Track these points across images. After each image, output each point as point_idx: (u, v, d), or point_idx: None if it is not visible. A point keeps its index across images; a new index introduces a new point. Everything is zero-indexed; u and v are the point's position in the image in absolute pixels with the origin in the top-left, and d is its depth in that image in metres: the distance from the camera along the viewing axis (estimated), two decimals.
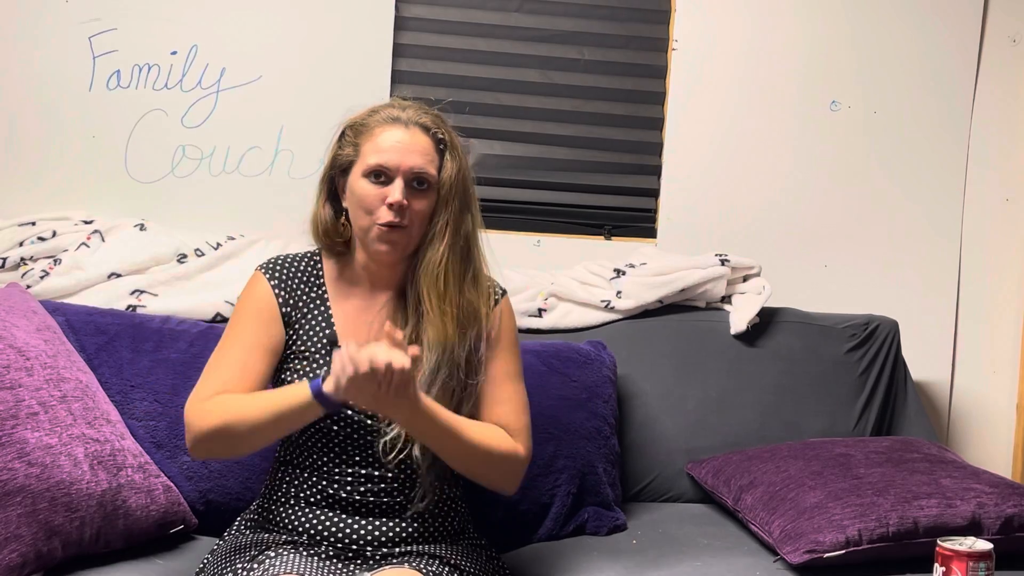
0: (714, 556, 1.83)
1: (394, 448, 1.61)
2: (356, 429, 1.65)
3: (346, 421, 1.64)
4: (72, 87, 2.37)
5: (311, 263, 1.76)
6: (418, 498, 1.65)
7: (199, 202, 2.42)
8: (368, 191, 1.64)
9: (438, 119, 1.70)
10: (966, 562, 1.49)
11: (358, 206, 1.65)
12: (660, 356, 2.31)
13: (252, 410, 1.56)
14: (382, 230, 1.62)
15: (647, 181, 2.60)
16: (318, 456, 1.66)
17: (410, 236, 1.65)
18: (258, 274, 1.73)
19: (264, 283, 1.71)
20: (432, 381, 1.60)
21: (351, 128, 1.70)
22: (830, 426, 2.31)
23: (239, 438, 1.57)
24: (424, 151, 1.65)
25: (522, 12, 2.55)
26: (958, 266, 2.66)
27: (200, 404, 1.59)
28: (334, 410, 1.56)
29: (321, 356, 1.68)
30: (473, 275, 1.68)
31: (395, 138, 1.64)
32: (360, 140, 1.67)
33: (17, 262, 2.20)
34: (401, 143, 1.64)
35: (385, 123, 1.66)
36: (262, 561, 1.54)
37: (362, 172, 1.65)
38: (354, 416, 1.64)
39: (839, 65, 2.61)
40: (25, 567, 1.54)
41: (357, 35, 2.45)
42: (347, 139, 1.69)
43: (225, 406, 1.57)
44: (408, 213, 1.63)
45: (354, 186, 1.66)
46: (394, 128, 1.65)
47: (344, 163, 1.69)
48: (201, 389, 1.62)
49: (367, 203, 1.63)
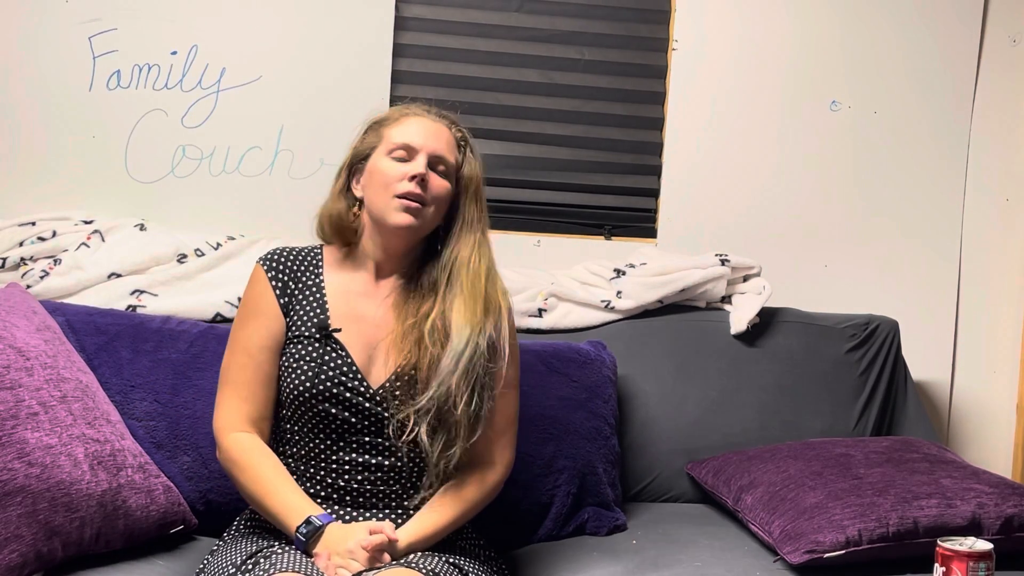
0: (714, 556, 1.83)
1: (401, 434, 1.64)
2: (355, 413, 1.65)
3: (344, 405, 1.65)
4: (72, 87, 2.37)
5: (311, 254, 1.79)
6: (426, 486, 1.66)
7: (199, 202, 2.42)
8: (390, 167, 1.69)
9: (458, 121, 1.80)
10: (966, 562, 1.49)
11: (379, 183, 1.69)
12: (660, 356, 2.31)
13: (255, 487, 1.64)
14: (403, 202, 1.67)
15: (647, 181, 2.60)
16: (317, 443, 1.67)
17: (428, 214, 1.69)
18: (258, 268, 1.76)
19: (263, 278, 1.74)
20: (459, 359, 1.62)
21: (376, 122, 1.78)
22: (830, 426, 2.31)
23: (240, 490, 1.69)
24: (447, 140, 1.74)
25: (522, 12, 2.55)
26: (958, 266, 2.66)
27: (228, 436, 1.68)
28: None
29: (312, 342, 1.68)
30: (490, 268, 1.74)
31: (421, 123, 1.73)
32: (384, 128, 1.74)
33: (17, 262, 2.20)
34: (427, 128, 1.73)
35: (411, 114, 1.76)
36: (261, 562, 1.54)
37: (386, 151, 1.71)
38: (353, 400, 1.65)
39: (839, 65, 2.61)
40: (25, 567, 1.54)
41: (357, 35, 2.45)
42: (371, 130, 1.77)
43: (242, 465, 1.65)
44: (429, 189, 1.68)
45: (376, 166, 1.71)
46: (420, 117, 1.75)
47: (366, 151, 1.74)
48: (224, 407, 1.70)
49: (389, 177, 1.68)
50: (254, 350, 1.70)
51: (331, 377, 1.65)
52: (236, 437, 1.68)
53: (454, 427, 1.63)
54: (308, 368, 1.66)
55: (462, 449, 1.65)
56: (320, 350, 1.67)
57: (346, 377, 1.66)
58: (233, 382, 1.70)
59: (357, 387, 1.66)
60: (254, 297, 1.74)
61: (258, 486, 1.64)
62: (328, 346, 1.68)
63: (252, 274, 1.76)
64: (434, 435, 1.63)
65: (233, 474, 1.68)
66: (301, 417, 1.68)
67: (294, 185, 2.43)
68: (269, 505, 1.62)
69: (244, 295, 1.77)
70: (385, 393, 1.66)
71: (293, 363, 1.68)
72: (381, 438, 1.66)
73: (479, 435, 1.67)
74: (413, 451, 1.66)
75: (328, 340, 1.68)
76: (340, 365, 1.66)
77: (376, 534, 1.54)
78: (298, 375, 1.66)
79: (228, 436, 1.68)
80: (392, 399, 1.65)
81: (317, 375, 1.65)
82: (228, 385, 1.71)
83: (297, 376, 1.66)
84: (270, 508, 1.62)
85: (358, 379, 1.66)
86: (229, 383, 1.71)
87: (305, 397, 1.65)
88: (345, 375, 1.66)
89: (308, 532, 1.55)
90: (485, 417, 1.66)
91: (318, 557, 1.54)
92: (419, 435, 1.62)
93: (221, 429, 1.69)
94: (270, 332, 1.71)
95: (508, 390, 1.75)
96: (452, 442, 1.64)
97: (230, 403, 1.70)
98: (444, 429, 1.64)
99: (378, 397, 1.65)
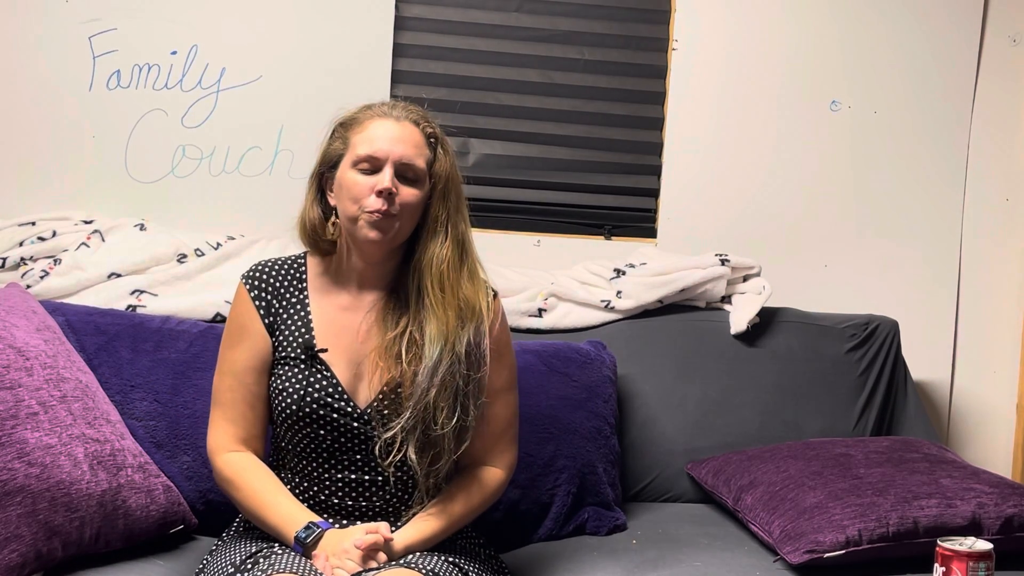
0: (714, 556, 1.83)
1: (389, 452, 1.61)
2: (343, 433, 1.64)
3: (332, 426, 1.63)
4: (72, 87, 2.37)
5: (295, 266, 1.75)
6: (416, 501, 1.65)
7: (199, 202, 2.42)
8: (357, 181, 1.63)
9: (427, 116, 1.71)
10: (966, 562, 1.49)
11: (347, 197, 1.64)
12: (660, 356, 2.31)
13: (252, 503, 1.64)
14: (371, 216, 1.61)
15: (647, 181, 2.60)
16: (308, 462, 1.66)
17: (399, 226, 1.64)
18: (240, 288, 1.73)
19: (245, 298, 1.71)
20: (433, 375, 1.60)
21: (341, 124, 1.70)
22: (830, 426, 2.31)
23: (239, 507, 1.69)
24: (414, 143, 1.65)
25: (522, 12, 2.55)
26: (958, 266, 2.66)
27: (220, 456, 1.68)
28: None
29: (297, 363, 1.66)
30: (469, 270, 1.69)
31: (385, 128, 1.65)
32: (350, 133, 1.67)
33: (17, 262, 2.20)
34: (391, 133, 1.64)
35: (375, 116, 1.67)
36: (261, 562, 1.54)
37: (351, 163, 1.64)
38: (340, 420, 1.63)
39: (839, 65, 2.61)
40: (25, 567, 1.54)
41: (357, 35, 2.45)
42: (337, 134, 1.70)
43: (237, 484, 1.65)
44: (397, 202, 1.62)
45: (343, 178, 1.65)
46: (384, 120, 1.66)
47: (334, 157, 1.68)
48: (216, 429, 1.70)
49: (355, 192, 1.62)
50: (241, 372, 1.68)
51: (317, 399, 1.63)
52: (228, 457, 1.67)
53: (440, 440, 1.61)
54: (294, 391, 1.64)
55: (449, 463, 1.64)
56: (306, 371, 1.65)
57: (332, 399, 1.63)
58: (222, 404, 1.69)
59: (343, 408, 1.63)
60: (238, 319, 1.71)
61: (254, 501, 1.63)
62: (314, 367, 1.65)
63: (236, 292, 1.73)
64: (422, 452, 1.61)
65: (230, 493, 1.67)
66: (292, 437, 1.67)
67: (294, 185, 2.43)
68: (267, 518, 1.62)
69: (229, 314, 1.74)
70: (372, 412, 1.63)
71: (280, 385, 1.66)
72: (371, 455, 1.64)
73: (475, 442, 1.66)
74: (400, 468, 1.65)
75: (314, 361, 1.65)
76: (326, 387, 1.64)
77: (372, 534, 1.54)
78: (284, 398, 1.65)
79: (220, 457, 1.68)
80: (379, 418, 1.63)
81: (303, 397, 1.63)
82: (218, 407, 1.70)
83: (285, 399, 1.65)
84: (268, 521, 1.62)
85: (344, 399, 1.64)
86: (219, 405, 1.70)
87: (293, 419, 1.64)
88: (331, 396, 1.63)
89: (306, 536, 1.55)
90: (472, 427, 1.64)
91: (316, 559, 1.54)
92: (407, 454, 1.60)
93: (214, 451, 1.69)
94: (256, 353, 1.68)
95: (502, 393, 1.73)
96: (439, 456, 1.62)
97: (221, 424, 1.69)
98: (431, 445, 1.61)
99: (365, 417, 1.63)
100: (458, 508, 1.66)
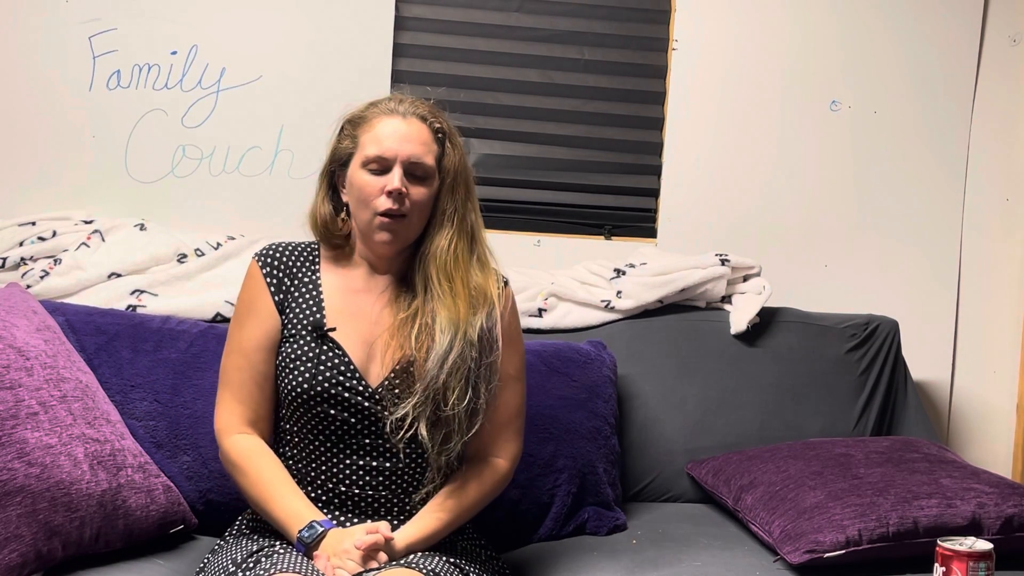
0: (714, 556, 1.83)
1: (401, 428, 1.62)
2: (354, 414, 1.64)
3: (343, 405, 1.64)
4: (72, 87, 2.37)
5: (308, 249, 1.77)
6: (428, 480, 1.66)
7: (199, 202, 2.42)
8: (367, 181, 1.65)
9: (435, 110, 1.72)
10: (966, 562, 1.49)
11: (358, 198, 1.67)
12: (660, 356, 2.31)
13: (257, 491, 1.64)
14: (382, 220, 1.64)
15: (647, 181, 2.60)
16: (315, 447, 1.66)
17: (410, 226, 1.67)
18: (253, 264, 1.74)
19: (257, 274, 1.73)
20: (443, 362, 1.61)
21: (349, 122, 1.72)
22: (830, 426, 2.31)
23: (242, 492, 1.69)
24: (422, 140, 1.67)
25: (522, 12, 2.55)
26: (958, 266, 2.66)
27: (228, 438, 1.68)
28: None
29: (306, 341, 1.67)
30: (479, 259, 1.71)
31: (393, 127, 1.66)
32: (358, 132, 1.69)
33: (17, 262, 2.20)
34: (399, 132, 1.66)
35: (383, 114, 1.69)
36: (262, 561, 1.54)
37: (361, 163, 1.66)
38: (352, 399, 1.64)
39: (839, 65, 2.61)
40: (25, 567, 1.54)
41: (357, 35, 2.45)
42: (346, 132, 1.72)
43: (243, 469, 1.66)
44: (407, 202, 1.64)
45: (353, 178, 1.68)
46: (392, 118, 1.68)
47: (343, 156, 1.70)
48: (223, 409, 1.70)
49: (366, 193, 1.65)
50: (250, 351, 1.69)
51: (328, 377, 1.64)
52: (236, 439, 1.68)
53: (452, 420, 1.62)
54: (305, 368, 1.65)
55: (461, 442, 1.64)
56: (316, 349, 1.66)
57: (344, 377, 1.64)
58: (230, 383, 1.70)
59: (355, 387, 1.64)
60: (249, 295, 1.73)
61: (260, 490, 1.64)
62: (325, 345, 1.66)
63: (248, 269, 1.75)
64: (433, 429, 1.62)
65: (235, 477, 1.68)
66: (300, 419, 1.67)
67: (294, 185, 2.43)
68: (271, 510, 1.62)
69: (240, 292, 1.75)
70: (384, 392, 1.64)
71: (289, 362, 1.66)
72: (381, 439, 1.65)
73: (481, 428, 1.66)
74: (413, 451, 1.65)
75: (324, 339, 1.66)
76: (337, 364, 1.65)
77: (372, 534, 1.54)
78: (295, 375, 1.65)
79: (228, 438, 1.68)
80: (391, 397, 1.64)
81: (315, 375, 1.64)
82: (226, 387, 1.71)
83: (294, 376, 1.65)
84: (272, 513, 1.62)
85: (356, 378, 1.65)
86: (227, 384, 1.70)
87: (303, 399, 1.64)
88: (343, 375, 1.64)
89: (309, 536, 1.55)
90: (483, 410, 1.65)
91: (318, 559, 1.54)
92: (418, 429, 1.61)
93: (221, 431, 1.69)
94: (265, 332, 1.69)
95: (510, 382, 1.73)
96: (451, 436, 1.63)
97: (229, 405, 1.69)
98: (443, 424, 1.63)
99: (377, 396, 1.64)
100: (462, 501, 1.66)
